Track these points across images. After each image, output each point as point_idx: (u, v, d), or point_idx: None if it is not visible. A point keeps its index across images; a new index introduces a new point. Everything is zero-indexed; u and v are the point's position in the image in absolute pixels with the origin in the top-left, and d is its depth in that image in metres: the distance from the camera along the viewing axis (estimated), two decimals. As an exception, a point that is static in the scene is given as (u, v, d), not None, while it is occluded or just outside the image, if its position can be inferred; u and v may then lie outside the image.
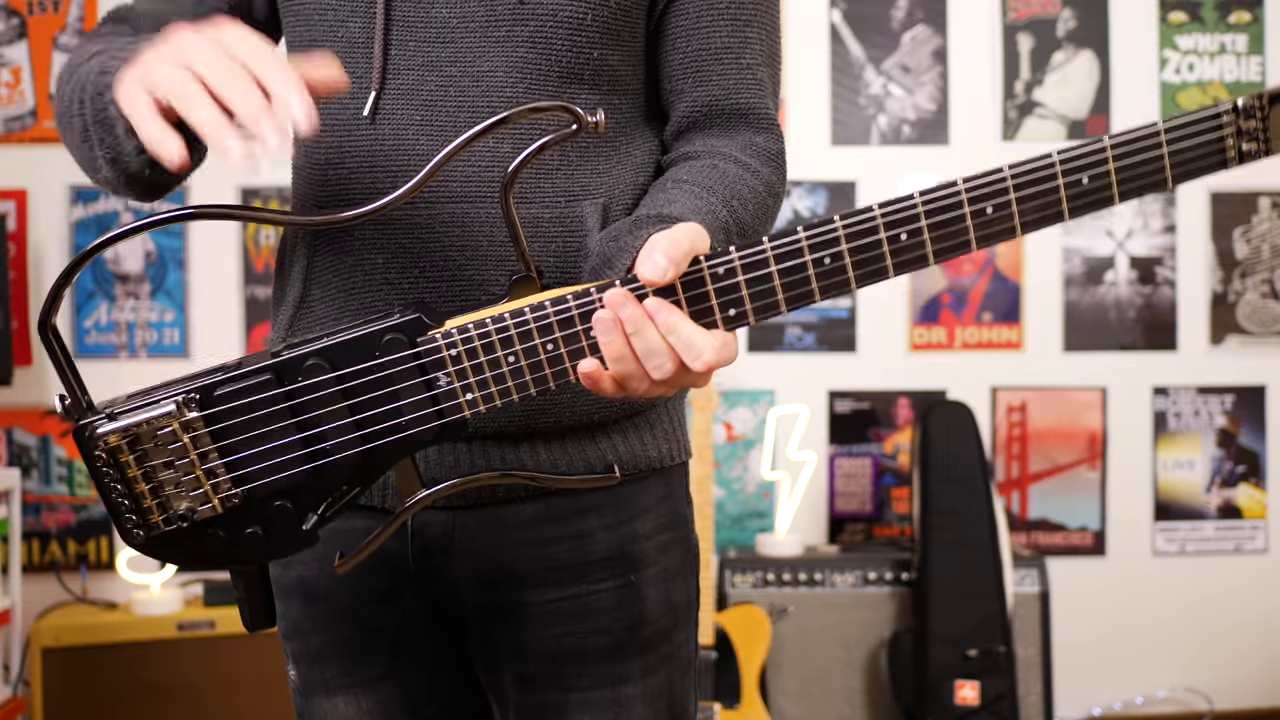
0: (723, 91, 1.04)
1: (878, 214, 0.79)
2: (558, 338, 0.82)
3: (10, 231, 3.06)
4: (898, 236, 0.79)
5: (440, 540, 1.02)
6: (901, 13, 3.33)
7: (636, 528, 1.04)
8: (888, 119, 3.33)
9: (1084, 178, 0.78)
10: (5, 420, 3.09)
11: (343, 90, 0.85)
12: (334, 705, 1.07)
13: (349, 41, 1.00)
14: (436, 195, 0.98)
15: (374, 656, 1.06)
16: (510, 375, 0.83)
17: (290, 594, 1.07)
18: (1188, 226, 3.37)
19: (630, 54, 1.03)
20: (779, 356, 3.31)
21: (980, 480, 2.91)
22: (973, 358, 3.34)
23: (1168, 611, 3.36)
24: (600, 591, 1.02)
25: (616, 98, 1.03)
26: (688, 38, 1.04)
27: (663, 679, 1.06)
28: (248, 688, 2.74)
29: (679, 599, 1.08)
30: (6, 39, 3.12)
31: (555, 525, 1.02)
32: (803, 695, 2.95)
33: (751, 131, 1.05)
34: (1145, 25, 3.36)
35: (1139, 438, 3.37)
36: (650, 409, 1.07)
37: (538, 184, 0.99)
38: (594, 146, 1.02)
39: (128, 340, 3.13)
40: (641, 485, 1.05)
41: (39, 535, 3.10)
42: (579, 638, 1.02)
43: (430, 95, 0.98)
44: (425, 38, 0.99)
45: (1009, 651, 2.82)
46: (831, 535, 3.33)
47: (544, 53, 0.98)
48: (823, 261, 0.79)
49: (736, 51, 1.04)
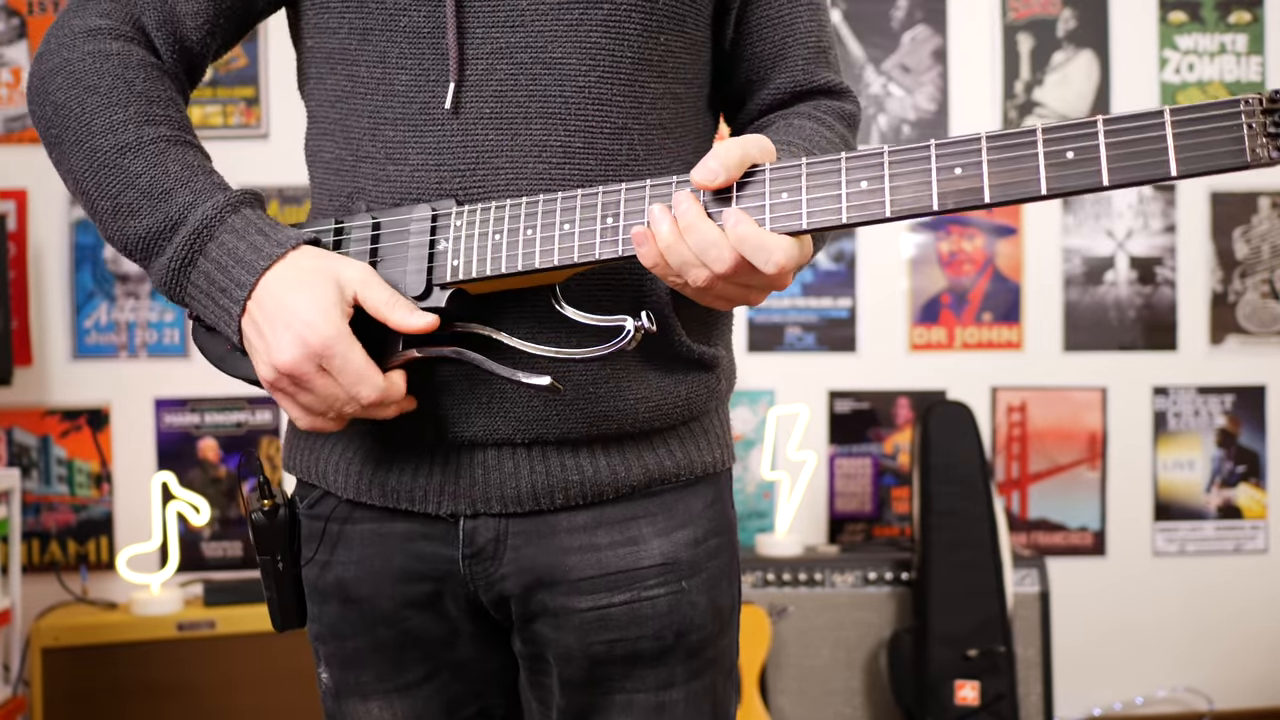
0: (805, 75, 1.08)
1: (932, 147, 0.78)
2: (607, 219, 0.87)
3: (10, 231, 3.06)
4: (951, 169, 0.77)
5: (491, 545, 1.00)
6: (901, 13, 3.33)
7: (689, 534, 1.03)
8: (888, 119, 3.33)
9: (1069, 150, 0.75)
10: (5, 420, 3.09)
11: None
12: (368, 710, 1.06)
13: (412, 30, 0.96)
14: (506, 193, 0.94)
15: (412, 662, 1.05)
16: (501, 248, 0.88)
17: (328, 596, 1.05)
18: (1188, 226, 3.37)
19: (693, 42, 1.03)
20: (779, 356, 3.31)
21: (980, 480, 2.91)
22: (973, 358, 3.34)
23: (1168, 611, 3.36)
24: (652, 598, 1.01)
25: (680, 86, 1.03)
26: (773, 26, 1.06)
27: (707, 683, 1.06)
28: (248, 688, 2.74)
29: (724, 603, 1.07)
30: (6, 39, 3.12)
31: (608, 531, 1.01)
32: (803, 695, 2.95)
33: (828, 98, 1.09)
34: (1145, 25, 3.36)
35: (1139, 438, 3.37)
36: (704, 414, 1.06)
37: (604, 180, 0.96)
38: (658, 139, 1.00)
39: (128, 340, 3.13)
40: (692, 491, 1.04)
41: (39, 535, 3.10)
42: (630, 643, 1.01)
43: (501, 85, 0.95)
44: (494, 23, 0.95)
45: (1009, 651, 2.82)
46: (831, 535, 3.33)
47: (617, 38, 0.96)
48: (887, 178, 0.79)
49: (817, 35, 1.08)
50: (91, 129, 0.92)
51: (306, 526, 1.06)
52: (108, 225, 0.93)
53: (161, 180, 0.91)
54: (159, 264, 0.91)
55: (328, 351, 0.86)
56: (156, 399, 3.14)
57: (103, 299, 3.13)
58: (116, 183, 0.91)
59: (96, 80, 0.93)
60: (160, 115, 0.94)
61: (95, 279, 3.13)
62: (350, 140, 1.00)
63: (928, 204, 0.77)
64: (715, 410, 1.08)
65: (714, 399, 1.06)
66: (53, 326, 3.12)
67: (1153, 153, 0.71)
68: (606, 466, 0.99)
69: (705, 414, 1.06)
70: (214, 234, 0.89)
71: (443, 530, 1.01)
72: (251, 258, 0.88)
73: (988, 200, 0.76)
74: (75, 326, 3.12)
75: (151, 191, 0.90)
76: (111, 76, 0.94)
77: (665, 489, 1.03)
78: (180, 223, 0.90)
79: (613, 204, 0.86)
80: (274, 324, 0.86)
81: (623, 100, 0.97)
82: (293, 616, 1.07)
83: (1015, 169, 0.75)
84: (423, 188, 0.96)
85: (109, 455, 3.12)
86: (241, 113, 3.15)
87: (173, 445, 3.14)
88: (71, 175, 0.94)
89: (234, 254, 0.89)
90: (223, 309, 0.89)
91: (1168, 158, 0.71)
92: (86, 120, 0.92)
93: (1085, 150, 0.73)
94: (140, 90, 0.94)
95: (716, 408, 1.08)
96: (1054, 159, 0.74)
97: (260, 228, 0.90)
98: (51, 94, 0.95)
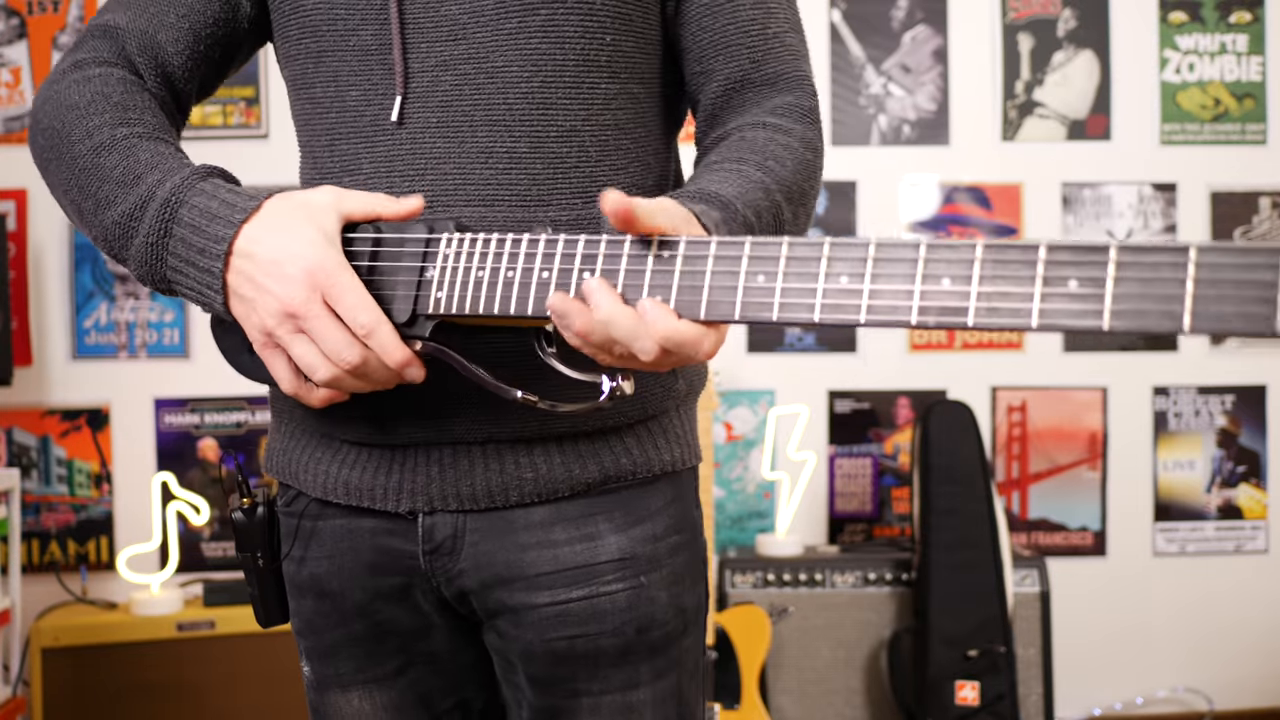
0: (752, 64, 1.03)
1: (825, 245, 0.72)
2: (555, 269, 0.83)
3: (10, 231, 3.06)
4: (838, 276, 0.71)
5: (450, 541, 1.02)
6: (901, 13, 3.33)
7: (647, 529, 1.04)
8: (888, 119, 3.33)
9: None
10: (5, 420, 3.09)
11: (418, 213, 0.91)
12: (348, 700, 1.08)
13: (361, 49, 0.99)
14: (454, 199, 0.97)
15: (387, 654, 1.07)
16: (481, 287, 0.85)
17: (304, 591, 1.08)
18: (1188, 226, 3.36)
19: (645, 40, 1.02)
20: (779, 356, 3.31)
21: (980, 480, 2.91)
22: (973, 358, 3.33)
23: (1168, 611, 3.36)
24: (611, 593, 1.02)
25: (635, 85, 1.02)
26: (713, 15, 1.02)
27: (672, 683, 1.06)
28: (248, 688, 2.74)
29: (688, 603, 1.08)
30: (6, 39, 3.12)
31: (565, 528, 1.02)
32: (803, 695, 2.95)
33: (780, 94, 1.03)
34: (1145, 25, 3.36)
35: (1139, 438, 3.37)
36: (662, 414, 1.06)
37: (555, 184, 0.98)
38: (612, 140, 1.01)
39: (128, 340, 3.13)
40: (651, 488, 1.05)
41: (39, 535, 3.10)
42: (590, 640, 1.02)
43: (446, 96, 0.97)
44: (438, 37, 0.97)
45: (1009, 652, 2.82)
46: (831, 535, 3.33)
47: (557, 42, 0.97)
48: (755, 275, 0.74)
49: (762, 22, 1.03)
50: (71, 139, 0.95)
51: (284, 524, 1.09)
52: (91, 224, 0.94)
53: (133, 168, 0.91)
54: (136, 246, 0.90)
55: (328, 279, 0.84)
56: (156, 399, 3.14)
57: (103, 299, 3.13)
58: (93, 180, 0.93)
59: (77, 98, 0.96)
60: (135, 118, 0.96)
61: (95, 279, 3.13)
62: (316, 159, 1.04)
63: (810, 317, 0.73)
64: (675, 410, 1.08)
65: (671, 398, 1.07)
66: (52, 326, 3.12)
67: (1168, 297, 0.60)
68: (561, 464, 1.00)
69: (663, 414, 1.06)
70: (185, 199, 0.89)
71: (404, 527, 1.03)
72: (225, 213, 0.87)
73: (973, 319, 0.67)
74: (75, 326, 3.12)
75: (124, 180, 0.91)
76: (90, 93, 0.96)
77: (622, 486, 1.03)
78: (150, 199, 0.90)
79: (592, 258, 0.82)
80: (266, 268, 0.85)
81: (569, 103, 0.98)
82: (275, 613, 1.10)
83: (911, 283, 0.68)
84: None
85: (109, 455, 3.12)
86: (241, 112, 3.16)
87: (172, 445, 3.14)
88: (61, 188, 0.96)
89: (207, 213, 0.88)
90: (204, 271, 0.87)
91: (1183, 308, 0.59)
92: (66, 133, 0.95)
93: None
94: (117, 100, 0.96)
95: (676, 408, 1.08)
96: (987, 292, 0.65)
97: (231, 189, 0.90)
98: (40, 121, 0.98)
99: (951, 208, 3.31)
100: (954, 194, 3.32)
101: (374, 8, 0.98)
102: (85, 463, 3.12)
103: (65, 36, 3.12)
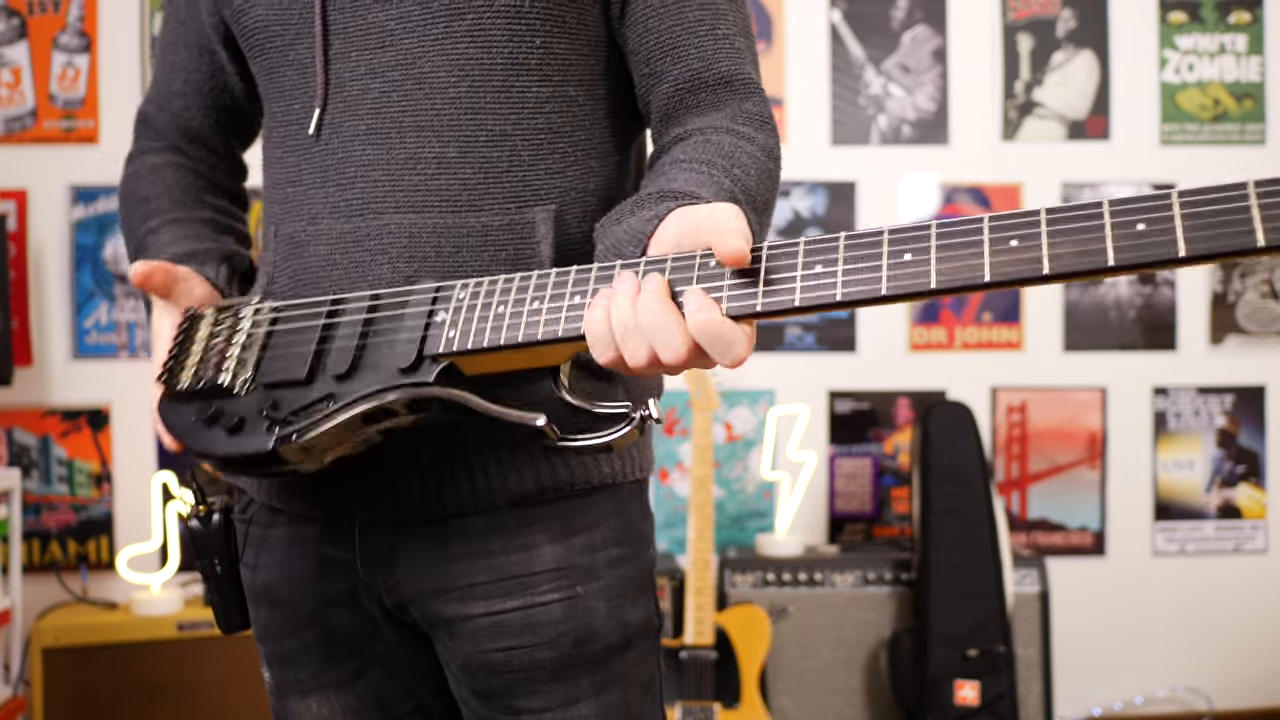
0: (702, 64, 1.01)
1: (885, 234, 0.74)
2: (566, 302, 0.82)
3: (10, 231, 3.06)
4: (901, 254, 0.74)
5: (386, 552, 1.02)
6: (901, 13, 3.33)
7: (584, 540, 1.02)
8: (888, 119, 3.33)
9: (1013, 238, 0.70)
10: (5, 420, 3.09)
11: None
12: (307, 706, 1.08)
13: (299, 64, 1.01)
14: (384, 205, 0.97)
15: (341, 658, 1.07)
16: (503, 318, 0.83)
17: (259, 599, 1.08)
18: (1188, 226, 3.36)
19: (582, 43, 1.01)
20: (779, 356, 3.31)
21: (980, 480, 2.91)
22: (973, 358, 3.34)
23: (1168, 611, 3.36)
24: (546, 604, 1.00)
25: (570, 88, 1.01)
26: (659, 17, 1.01)
27: (617, 698, 1.03)
28: (248, 688, 2.74)
29: (632, 616, 1.05)
30: (6, 39, 3.12)
31: (501, 538, 1.01)
32: (803, 695, 2.95)
33: (739, 99, 1.01)
34: (1145, 25, 3.36)
35: (1139, 438, 3.37)
36: None
37: (486, 188, 0.97)
38: (547, 144, 1.00)
39: (128, 340, 3.13)
40: (590, 500, 1.03)
41: (39, 535, 3.10)
42: (527, 652, 1.00)
43: (375, 103, 0.98)
44: (366, 45, 0.98)
45: (1009, 651, 2.82)
46: (831, 535, 3.33)
47: (484, 46, 0.96)
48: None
49: (710, 24, 1.01)
50: (130, 227, 1.17)
51: (240, 530, 1.10)
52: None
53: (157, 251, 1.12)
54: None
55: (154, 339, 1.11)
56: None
57: (103, 299, 3.13)
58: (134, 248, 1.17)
59: (126, 193, 1.19)
60: (153, 210, 1.15)
61: (95, 279, 3.13)
62: (270, 170, 1.08)
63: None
64: None
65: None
66: (53, 326, 3.12)
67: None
68: (498, 474, 0.99)
69: None
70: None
71: (343, 536, 1.03)
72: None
73: (987, 279, 0.72)
74: (75, 326, 3.12)
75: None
76: (130, 191, 1.19)
77: (560, 497, 1.02)
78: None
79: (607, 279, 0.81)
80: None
81: (499, 107, 0.97)
82: (235, 618, 1.10)
83: (963, 256, 0.72)
84: (315, 205, 1.00)
85: (109, 455, 3.12)
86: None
87: (173, 445, 3.14)
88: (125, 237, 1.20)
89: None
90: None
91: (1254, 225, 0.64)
92: (126, 220, 1.18)
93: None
94: (142, 196, 1.17)
95: None
96: (999, 246, 0.71)
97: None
98: (120, 202, 1.21)
99: (951, 208, 3.31)
100: (954, 194, 3.33)
101: (306, 22, 1.00)
102: (86, 463, 3.12)
103: (65, 36, 3.12)
